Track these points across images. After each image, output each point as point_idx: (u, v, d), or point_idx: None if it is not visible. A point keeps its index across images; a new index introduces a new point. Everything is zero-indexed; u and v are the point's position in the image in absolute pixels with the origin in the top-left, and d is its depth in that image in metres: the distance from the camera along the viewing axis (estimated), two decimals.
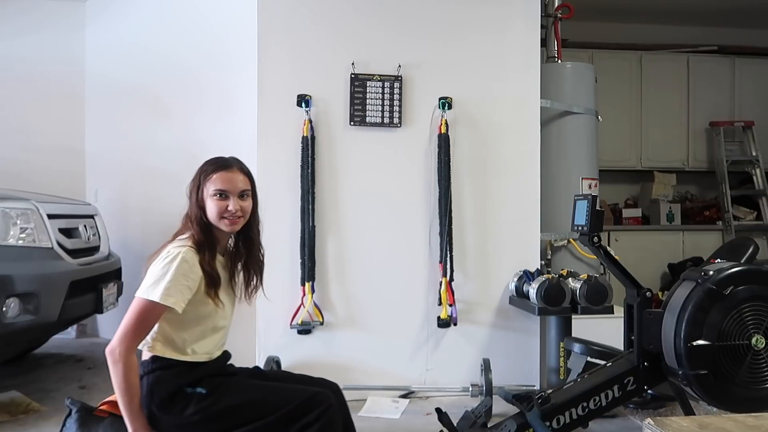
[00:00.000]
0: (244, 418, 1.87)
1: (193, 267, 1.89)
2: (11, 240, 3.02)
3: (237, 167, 2.04)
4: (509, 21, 3.57)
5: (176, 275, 1.85)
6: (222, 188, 1.97)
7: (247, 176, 2.04)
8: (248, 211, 2.01)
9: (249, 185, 2.03)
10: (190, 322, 1.93)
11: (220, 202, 1.96)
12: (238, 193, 1.98)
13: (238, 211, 1.96)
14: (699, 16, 6.20)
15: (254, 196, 2.05)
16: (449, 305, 3.33)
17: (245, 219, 2.01)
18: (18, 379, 3.59)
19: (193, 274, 1.88)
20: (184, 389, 1.88)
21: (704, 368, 2.21)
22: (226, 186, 1.97)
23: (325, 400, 1.86)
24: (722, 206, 6.12)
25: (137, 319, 1.84)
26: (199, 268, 1.91)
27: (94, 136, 4.92)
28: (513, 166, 3.55)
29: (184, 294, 1.86)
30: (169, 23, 4.26)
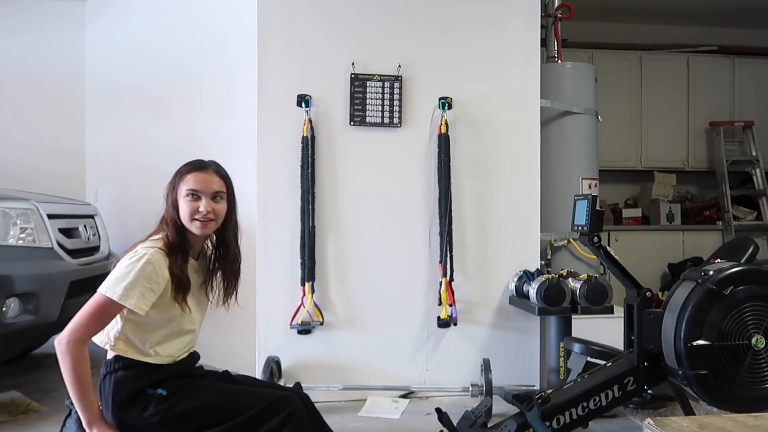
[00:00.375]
0: (205, 421, 1.83)
1: (158, 270, 1.85)
2: (11, 240, 3.02)
3: (213, 169, 2.00)
4: (509, 21, 3.57)
5: (139, 277, 1.82)
6: (194, 188, 1.93)
7: (222, 179, 1.99)
8: (221, 213, 1.96)
9: (224, 188, 1.98)
10: (154, 324, 1.90)
11: (192, 202, 1.92)
12: (211, 194, 1.94)
13: (209, 213, 1.92)
14: (699, 16, 6.21)
15: (230, 201, 2.01)
16: (449, 305, 3.33)
17: (217, 223, 1.96)
18: (18, 379, 3.59)
19: (157, 277, 1.84)
20: (146, 390, 1.86)
21: (704, 368, 2.20)
22: (199, 186, 1.94)
23: (290, 404, 1.81)
24: (722, 206, 6.12)
25: (92, 313, 1.84)
26: (166, 272, 1.87)
27: (93, 136, 4.93)
28: (513, 166, 3.55)
29: (146, 297, 1.82)
30: (169, 23, 4.26)
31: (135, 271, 1.82)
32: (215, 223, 1.96)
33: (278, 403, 1.81)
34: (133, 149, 4.53)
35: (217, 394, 1.89)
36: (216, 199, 1.95)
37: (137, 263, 1.83)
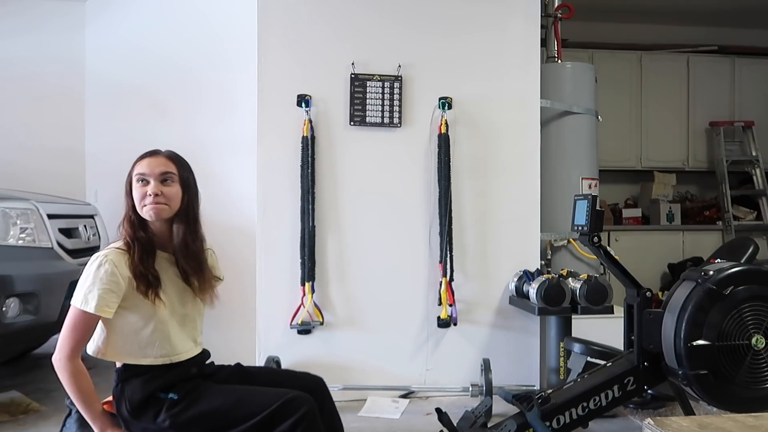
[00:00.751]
0: (217, 425, 1.80)
1: (115, 269, 1.81)
2: (11, 240, 3.02)
3: (163, 154, 1.97)
4: (509, 21, 3.57)
5: (95, 280, 1.80)
6: (142, 171, 1.91)
7: (173, 161, 1.94)
8: (172, 196, 1.89)
9: (174, 169, 1.92)
10: (135, 325, 1.87)
11: (142, 187, 1.90)
12: (159, 176, 1.90)
13: (159, 196, 1.87)
14: (699, 16, 6.21)
15: (184, 185, 1.94)
16: (449, 305, 3.33)
17: (171, 207, 1.89)
18: (18, 379, 3.59)
19: (114, 276, 1.81)
20: (158, 395, 1.84)
21: (704, 368, 2.20)
22: (146, 169, 1.91)
23: (302, 405, 1.75)
24: (722, 206, 6.12)
25: (69, 326, 1.87)
26: (125, 270, 1.83)
27: (93, 136, 4.92)
28: (513, 166, 3.55)
29: (107, 299, 1.80)
30: (169, 23, 4.26)
31: (90, 275, 1.81)
32: (168, 207, 1.89)
33: (290, 404, 1.75)
34: (133, 149, 4.45)
35: (228, 396, 1.84)
36: (165, 181, 1.90)
37: (90, 267, 1.82)
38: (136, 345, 1.88)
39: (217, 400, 1.83)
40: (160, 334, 1.88)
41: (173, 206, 1.90)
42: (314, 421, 1.76)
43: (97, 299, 1.80)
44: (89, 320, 1.85)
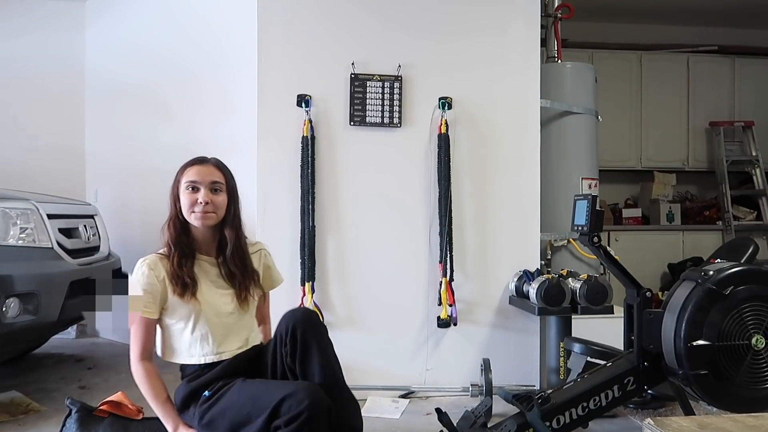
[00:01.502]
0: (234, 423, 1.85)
1: (150, 272, 1.95)
2: (11, 240, 3.02)
3: (212, 162, 2.05)
4: (509, 21, 3.57)
5: (134, 284, 1.95)
6: (193, 179, 1.98)
7: (221, 171, 2.04)
8: (220, 205, 1.99)
9: (222, 179, 2.02)
10: (179, 326, 1.97)
11: (192, 194, 1.97)
12: (209, 185, 1.98)
13: (208, 204, 1.95)
14: (699, 16, 6.21)
15: (230, 194, 2.03)
16: (449, 305, 3.33)
17: (218, 215, 1.99)
18: (18, 379, 3.59)
19: (151, 279, 1.94)
20: (199, 392, 1.94)
21: (704, 368, 2.21)
22: (197, 177, 1.99)
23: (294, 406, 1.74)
24: (722, 206, 6.12)
25: (132, 330, 1.99)
26: (162, 273, 1.94)
27: (94, 136, 4.93)
28: (513, 166, 3.55)
29: (145, 300, 1.93)
30: (169, 23, 4.27)
31: (134, 280, 1.96)
32: (216, 215, 1.98)
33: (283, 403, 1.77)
34: (133, 149, 4.53)
35: (245, 392, 1.88)
36: (215, 191, 1.99)
37: (135, 273, 1.95)
38: (182, 345, 1.99)
39: (235, 396, 1.89)
40: (201, 335, 1.97)
41: (220, 214, 2.01)
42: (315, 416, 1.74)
43: (139, 302, 1.95)
44: (143, 322, 1.98)
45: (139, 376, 1.99)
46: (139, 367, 2.00)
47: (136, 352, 2.01)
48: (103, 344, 4.60)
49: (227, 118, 3.78)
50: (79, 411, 2.19)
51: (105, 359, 4.14)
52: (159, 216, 4.69)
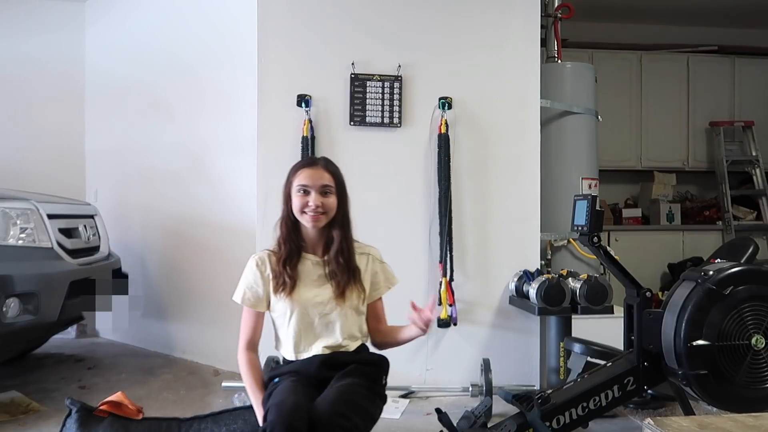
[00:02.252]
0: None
1: (257, 268, 2.07)
2: (11, 240, 3.02)
3: (322, 165, 2.11)
4: (509, 21, 3.57)
5: (242, 277, 2.09)
6: (304, 183, 2.05)
7: (331, 174, 2.08)
8: (330, 207, 2.05)
9: (333, 182, 2.07)
10: (279, 320, 2.08)
11: (303, 197, 2.04)
12: (320, 189, 2.04)
13: (319, 207, 2.02)
14: (699, 16, 6.21)
15: (340, 194, 2.08)
16: (449, 305, 3.33)
17: (328, 216, 2.05)
18: (18, 379, 3.59)
19: (255, 275, 2.07)
20: (273, 379, 2.04)
21: (704, 368, 2.21)
22: (308, 181, 2.05)
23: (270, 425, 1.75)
24: (722, 206, 6.12)
25: (242, 319, 2.10)
26: (267, 269, 2.06)
27: (94, 136, 4.93)
28: (513, 166, 3.55)
29: (246, 294, 2.07)
30: (168, 23, 4.26)
31: (243, 274, 2.10)
32: (326, 216, 2.05)
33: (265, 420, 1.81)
34: (133, 149, 4.53)
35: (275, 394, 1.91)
36: (325, 193, 2.05)
37: (246, 267, 2.10)
38: (282, 338, 2.09)
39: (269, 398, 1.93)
40: (293, 332, 2.05)
41: (330, 215, 2.07)
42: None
43: (241, 295, 2.08)
44: (248, 313, 2.09)
45: (240, 364, 2.07)
46: (242, 356, 2.08)
47: (242, 342, 2.10)
48: (103, 344, 4.60)
49: (227, 118, 3.79)
50: (79, 411, 2.18)
51: (105, 359, 4.14)
52: (159, 216, 4.72)
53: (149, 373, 3.76)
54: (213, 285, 3.93)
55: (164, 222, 4.31)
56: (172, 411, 3.01)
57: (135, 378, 3.68)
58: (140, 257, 4.40)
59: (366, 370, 2.06)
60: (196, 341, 4.07)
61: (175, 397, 3.31)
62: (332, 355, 2.05)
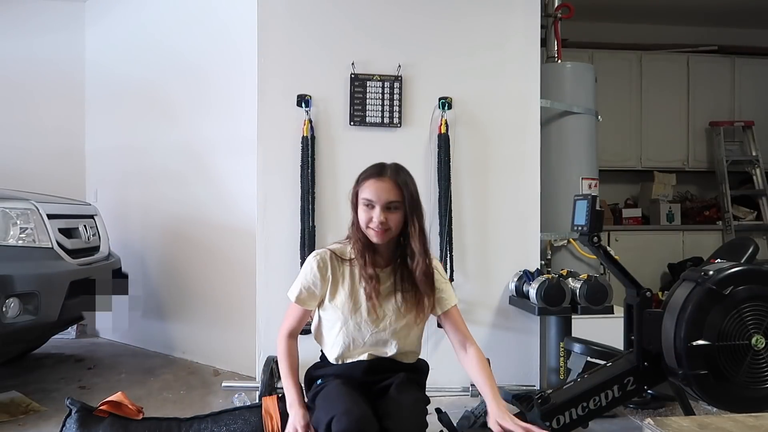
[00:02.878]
0: (315, 420, 1.91)
1: (316, 268, 1.99)
2: (11, 240, 3.02)
3: (389, 176, 1.99)
4: (509, 21, 3.57)
5: (300, 272, 2.02)
6: (368, 198, 1.97)
7: (399, 186, 1.97)
8: (396, 223, 1.95)
9: (399, 197, 1.96)
10: (328, 322, 2.03)
11: (368, 211, 1.96)
12: (384, 204, 1.95)
13: (383, 224, 1.93)
14: (699, 16, 6.21)
15: (410, 208, 1.97)
16: None
17: (393, 231, 1.96)
18: (18, 379, 3.59)
19: (312, 275, 1.99)
20: (315, 379, 2.04)
21: (704, 368, 2.20)
22: (373, 196, 1.96)
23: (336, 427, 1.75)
24: (722, 206, 6.12)
25: (289, 307, 2.05)
26: (328, 272, 1.99)
27: (94, 135, 4.93)
28: (513, 166, 3.55)
29: (301, 291, 2.00)
30: (168, 23, 4.26)
31: (302, 269, 2.03)
32: (390, 232, 1.96)
33: (332, 420, 1.76)
34: (134, 149, 4.53)
35: (326, 397, 1.91)
36: (390, 209, 1.95)
37: (306, 262, 2.04)
38: (328, 340, 2.05)
39: (323, 397, 1.93)
40: (343, 340, 2.01)
41: (395, 230, 1.97)
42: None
43: (296, 290, 2.02)
44: (294, 309, 2.05)
45: (279, 349, 2.06)
46: (282, 342, 2.07)
47: (284, 329, 2.07)
48: (103, 344, 4.60)
49: (227, 118, 3.79)
50: (79, 411, 2.18)
51: (105, 359, 4.14)
52: (159, 216, 4.71)
53: (149, 373, 3.76)
54: (213, 285, 3.93)
55: (164, 222, 4.31)
56: (172, 411, 3.01)
57: (135, 378, 3.69)
58: (140, 257, 4.40)
59: (415, 378, 2.04)
60: (196, 341, 4.07)
61: (175, 397, 3.31)
62: (377, 360, 2.01)
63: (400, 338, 2.03)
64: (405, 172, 2.03)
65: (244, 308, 3.55)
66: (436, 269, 2.09)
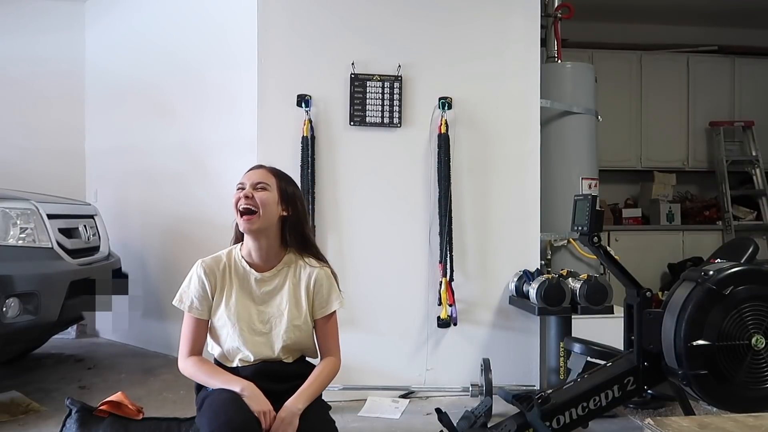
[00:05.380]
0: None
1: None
2: (11, 240, 3.02)
3: (264, 167, 2.09)
4: (509, 21, 3.57)
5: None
6: (241, 181, 2.01)
7: (271, 173, 2.05)
8: (264, 202, 1.95)
9: (269, 179, 2.01)
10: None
11: (237, 193, 1.99)
12: (253, 184, 1.98)
13: (248, 200, 1.93)
14: (699, 16, 6.21)
15: (283, 195, 2.01)
16: (449, 305, 3.33)
17: (261, 213, 1.94)
18: (18, 379, 3.59)
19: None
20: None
21: (704, 368, 2.20)
22: (244, 179, 2.01)
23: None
24: (722, 206, 6.12)
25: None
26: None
27: (94, 135, 4.93)
28: (513, 166, 3.55)
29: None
30: (168, 24, 4.26)
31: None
32: (259, 215, 1.95)
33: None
34: (134, 149, 4.53)
35: (211, 404, 1.86)
36: (258, 188, 1.98)
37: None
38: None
39: (208, 402, 1.87)
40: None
41: (263, 212, 1.97)
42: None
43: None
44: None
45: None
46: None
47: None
48: (103, 344, 4.60)
49: (227, 119, 3.78)
50: (79, 411, 2.18)
51: (105, 359, 4.14)
52: (159, 216, 4.71)
53: (149, 373, 3.76)
54: None
55: (164, 222, 4.31)
56: (172, 411, 3.00)
57: (135, 378, 3.68)
58: (140, 257, 4.40)
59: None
60: None
61: (175, 397, 3.31)
62: (271, 366, 1.97)
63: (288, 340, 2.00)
64: (280, 170, 2.11)
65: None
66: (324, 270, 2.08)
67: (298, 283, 2.04)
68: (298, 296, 2.03)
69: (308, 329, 2.07)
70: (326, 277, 2.09)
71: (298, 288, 2.03)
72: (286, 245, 2.05)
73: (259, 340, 1.98)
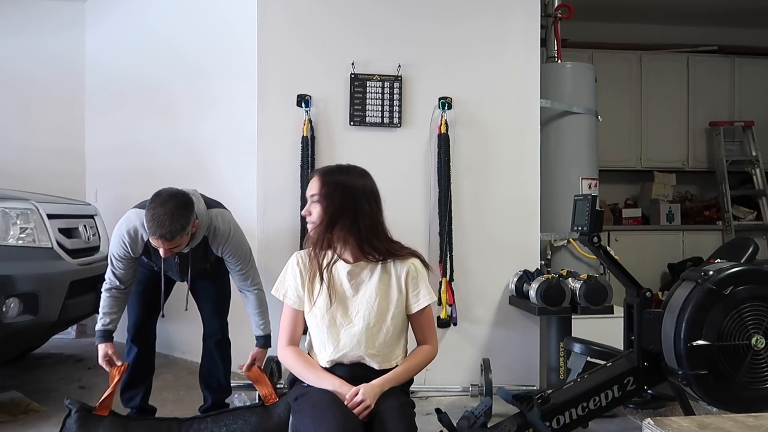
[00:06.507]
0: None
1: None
2: (11, 240, 3.02)
3: (316, 172, 2.26)
4: (509, 21, 3.57)
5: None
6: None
7: (318, 179, 2.19)
8: (315, 215, 2.11)
9: (316, 188, 2.18)
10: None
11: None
12: (309, 197, 2.17)
13: (309, 216, 2.13)
14: (699, 16, 6.21)
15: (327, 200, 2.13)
16: (449, 305, 3.33)
17: (318, 224, 2.09)
18: (18, 379, 3.59)
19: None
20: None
21: (704, 368, 2.20)
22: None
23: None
24: (722, 206, 6.12)
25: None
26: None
27: (93, 136, 4.93)
28: (513, 166, 3.55)
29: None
30: (168, 24, 4.26)
31: None
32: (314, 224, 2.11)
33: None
34: (133, 149, 4.53)
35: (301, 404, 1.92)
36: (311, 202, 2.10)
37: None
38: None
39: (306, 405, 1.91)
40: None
41: (319, 221, 2.12)
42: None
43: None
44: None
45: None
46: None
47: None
48: None
49: (227, 118, 3.78)
50: (79, 411, 2.19)
51: None
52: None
53: None
54: None
55: None
56: (172, 411, 3.00)
57: None
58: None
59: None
60: (196, 341, 4.06)
61: (175, 397, 3.31)
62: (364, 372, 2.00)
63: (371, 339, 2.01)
64: (344, 172, 2.23)
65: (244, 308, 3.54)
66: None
67: (389, 275, 2.04)
68: (389, 288, 2.03)
69: (398, 322, 2.04)
70: (417, 270, 2.09)
71: (389, 280, 2.04)
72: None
73: (344, 332, 1.99)
